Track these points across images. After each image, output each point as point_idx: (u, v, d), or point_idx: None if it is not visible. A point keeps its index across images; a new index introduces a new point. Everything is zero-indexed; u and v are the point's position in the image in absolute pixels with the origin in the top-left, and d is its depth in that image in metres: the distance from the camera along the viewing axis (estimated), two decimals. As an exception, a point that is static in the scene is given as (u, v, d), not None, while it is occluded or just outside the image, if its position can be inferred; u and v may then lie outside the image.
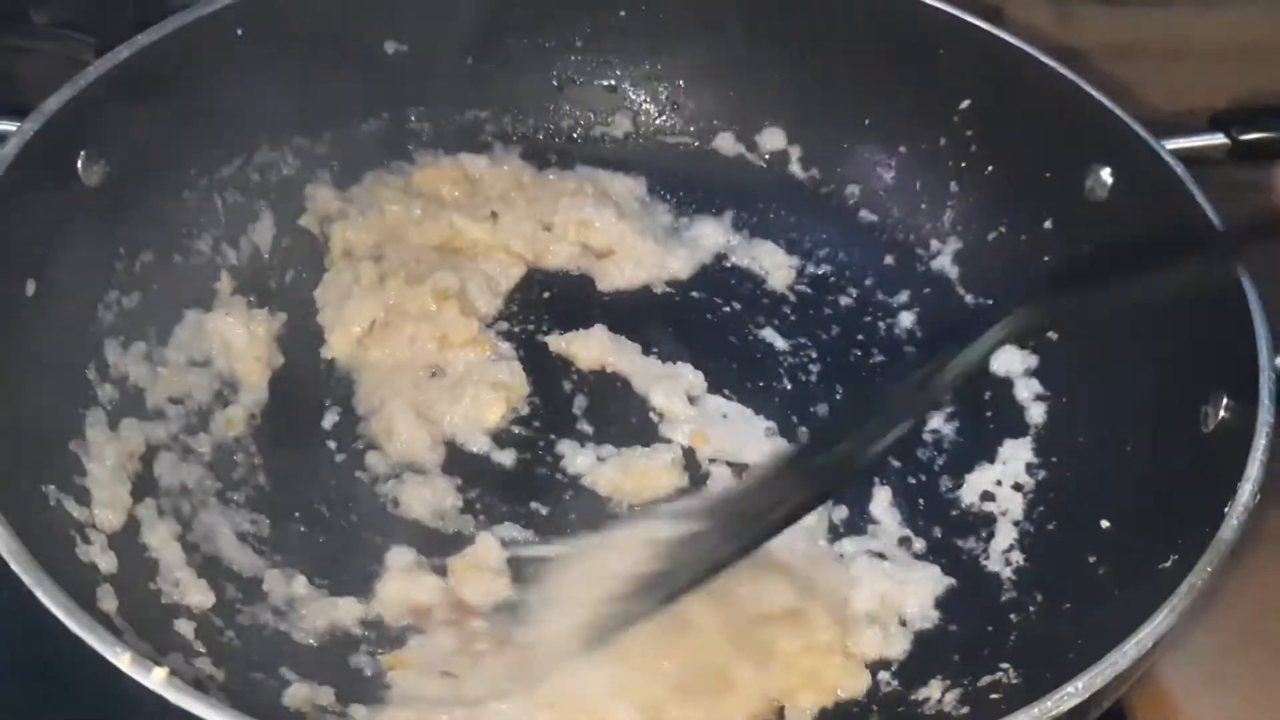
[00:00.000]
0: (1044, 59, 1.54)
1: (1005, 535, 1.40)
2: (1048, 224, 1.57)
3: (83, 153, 1.37)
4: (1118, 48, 1.92)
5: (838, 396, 1.56)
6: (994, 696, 1.17)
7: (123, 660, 0.89)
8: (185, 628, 1.20)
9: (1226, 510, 1.03)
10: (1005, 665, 1.22)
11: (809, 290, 1.69)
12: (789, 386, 1.56)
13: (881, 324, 1.66)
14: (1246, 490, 1.05)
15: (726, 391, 1.54)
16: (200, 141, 1.54)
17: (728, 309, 1.66)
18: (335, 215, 1.65)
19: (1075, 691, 0.86)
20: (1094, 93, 1.48)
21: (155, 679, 0.86)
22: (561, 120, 1.83)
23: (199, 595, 1.23)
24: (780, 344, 1.61)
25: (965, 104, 1.64)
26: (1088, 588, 1.24)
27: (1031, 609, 1.30)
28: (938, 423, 1.53)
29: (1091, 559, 1.27)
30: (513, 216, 1.66)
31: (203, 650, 1.18)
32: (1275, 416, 1.11)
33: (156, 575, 1.24)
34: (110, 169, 1.41)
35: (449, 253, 1.64)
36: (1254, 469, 1.06)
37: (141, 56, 1.41)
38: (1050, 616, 1.27)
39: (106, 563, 1.19)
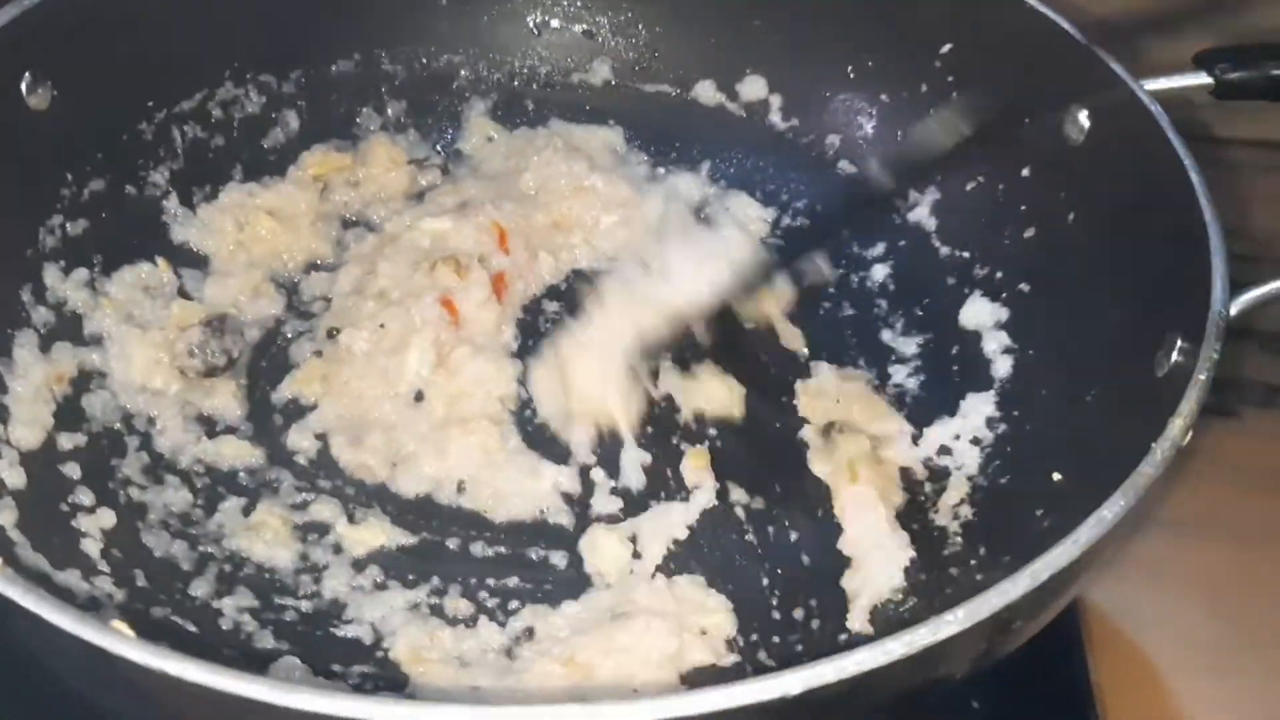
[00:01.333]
0: (1023, -3, 1.46)
1: (957, 490, 1.33)
2: (1025, 171, 1.49)
3: (27, 74, 1.36)
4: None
5: (804, 351, 1.51)
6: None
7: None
8: (91, 547, 1.18)
9: (1154, 445, 0.95)
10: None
11: (783, 242, 1.63)
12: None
13: (854, 276, 1.60)
14: (1176, 425, 0.97)
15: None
16: (159, 71, 1.53)
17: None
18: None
19: (954, 620, 0.80)
20: (1071, 30, 1.41)
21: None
22: (539, 67, 1.79)
23: (109, 519, 1.21)
24: (750, 295, 1.56)
25: (946, 48, 1.57)
26: (1029, 540, 1.16)
27: (973, 562, 1.24)
28: (901, 376, 1.47)
29: (1038, 512, 1.20)
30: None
31: (105, 570, 1.16)
32: (1219, 354, 1.03)
33: (68, 497, 1.22)
34: (59, 94, 1.39)
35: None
36: (1187, 405, 0.98)
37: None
38: (988, 570, 1.20)
39: (14, 478, 1.18)
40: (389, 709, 0.74)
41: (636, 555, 1.26)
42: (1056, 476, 1.23)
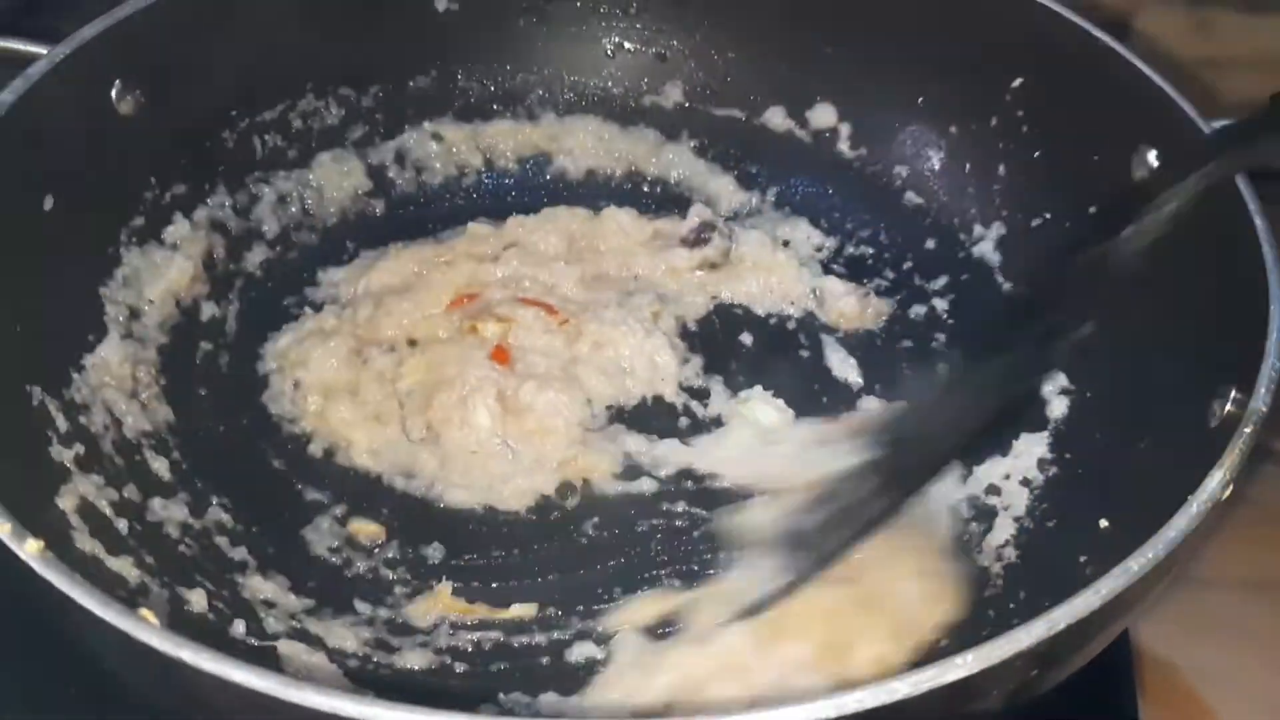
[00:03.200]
0: (1096, 34, 1.44)
1: (1003, 531, 1.31)
2: (1092, 209, 1.47)
3: (117, 82, 1.42)
4: (1258, 59, 1.82)
5: (860, 379, 1.50)
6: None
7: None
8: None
9: (1190, 498, 0.93)
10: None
11: (845, 271, 1.63)
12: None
13: (915, 309, 1.58)
14: (1215, 479, 0.95)
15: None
16: (242, 82, 1.58)
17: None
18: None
19: (963, 664, 0.79)
20: (1143, 68, 1.38)
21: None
22: (612, 88, 1.81)
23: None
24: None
25: (1018, 82, 1.55)
26: (1070, 586, 1.14)
27: (1012, 605, 1.21)
28: (956, 413, 1.45)
29: (1082, 558, 1.18)
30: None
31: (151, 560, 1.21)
32: (1269, 407, 1.00)
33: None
34: (146, 100, 1.45)
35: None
36: (1229, 458, 0.96)
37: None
38: (1025, 615, 1.17)
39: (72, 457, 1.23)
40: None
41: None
42: (1104, 523, 1.20)
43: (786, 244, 1.65)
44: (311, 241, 1.64)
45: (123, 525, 1.22)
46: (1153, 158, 1.37)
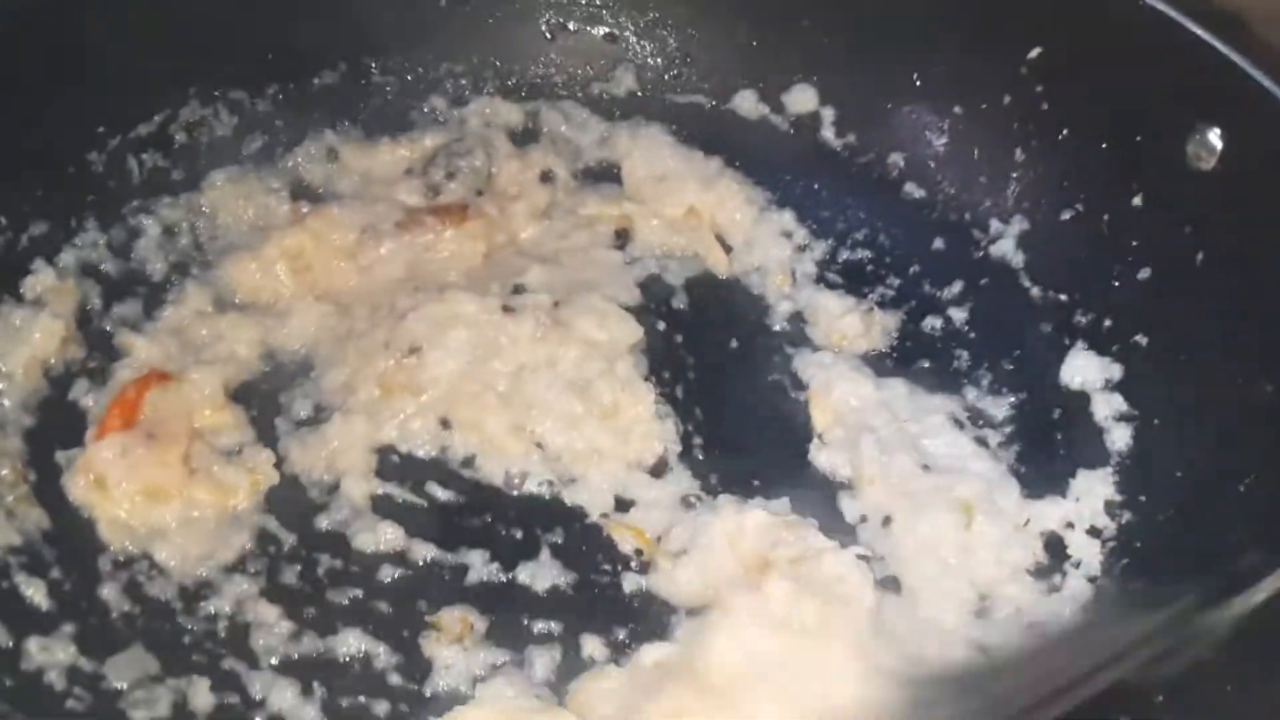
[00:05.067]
0: (1135, -11, 1.23)
1: (1076, 596, 1.10)
2: (1137, 200, 1.26)
3: (-55, 101, 1.12)
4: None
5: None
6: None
7: None
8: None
9: None
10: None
11: (840, 280, 1.40)
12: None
13: (929, 322, 1.36)
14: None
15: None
16: (109, 89, 1.29)
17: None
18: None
19: None
20: (1201, 33, 1.17)
21: None
22: (553, 75, 1.55)
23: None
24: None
25: (1035, 53, 1.34)
26: (1191, 674, 0.94)
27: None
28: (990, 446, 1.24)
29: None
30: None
31: None
32: None
33: None
34: (-12, 120, 1.16)
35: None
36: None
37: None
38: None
39: None
40: None
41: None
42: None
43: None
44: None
45: (-13, 686, 0.94)
46: (1215, 138, 1.16)
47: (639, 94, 1.55)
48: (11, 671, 0.98)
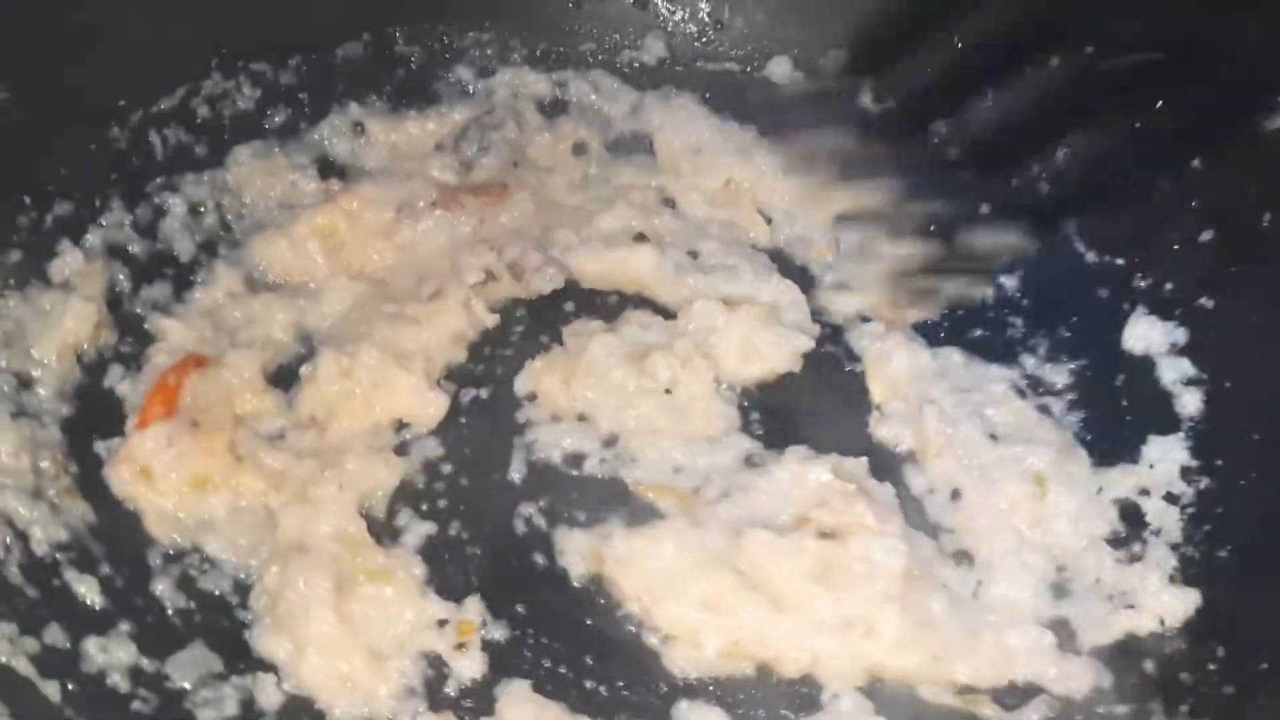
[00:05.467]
0: (1197, -51, 1.20)
1: (1160, 563, 1.08)
2: (1196, 162, 1.24)
3: (-32, 77, 1.06)
4: None
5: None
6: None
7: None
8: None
9: None
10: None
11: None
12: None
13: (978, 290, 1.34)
14: None
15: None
16: (131, 61, 1.22)
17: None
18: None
19: None
20: (1268, -11, 1.15)
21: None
22: (580, 44, 1.50)
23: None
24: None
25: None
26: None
27: (1211, 667, 0.99)
28: (1054, 414, 1.22)
29: (1293, 601, 0.96)
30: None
31: None
32: None
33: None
34: (8, 94, 1.10)
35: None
36: None
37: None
38: (1238, 679, 0.96)
39: None
40: None
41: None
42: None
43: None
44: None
45: (53, 689, 0.89)
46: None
47: (669, 61, 1.51)
48: (74, 675, 0.92)
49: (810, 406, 1.25)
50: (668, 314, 1.29)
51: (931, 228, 1.21)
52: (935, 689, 1.03)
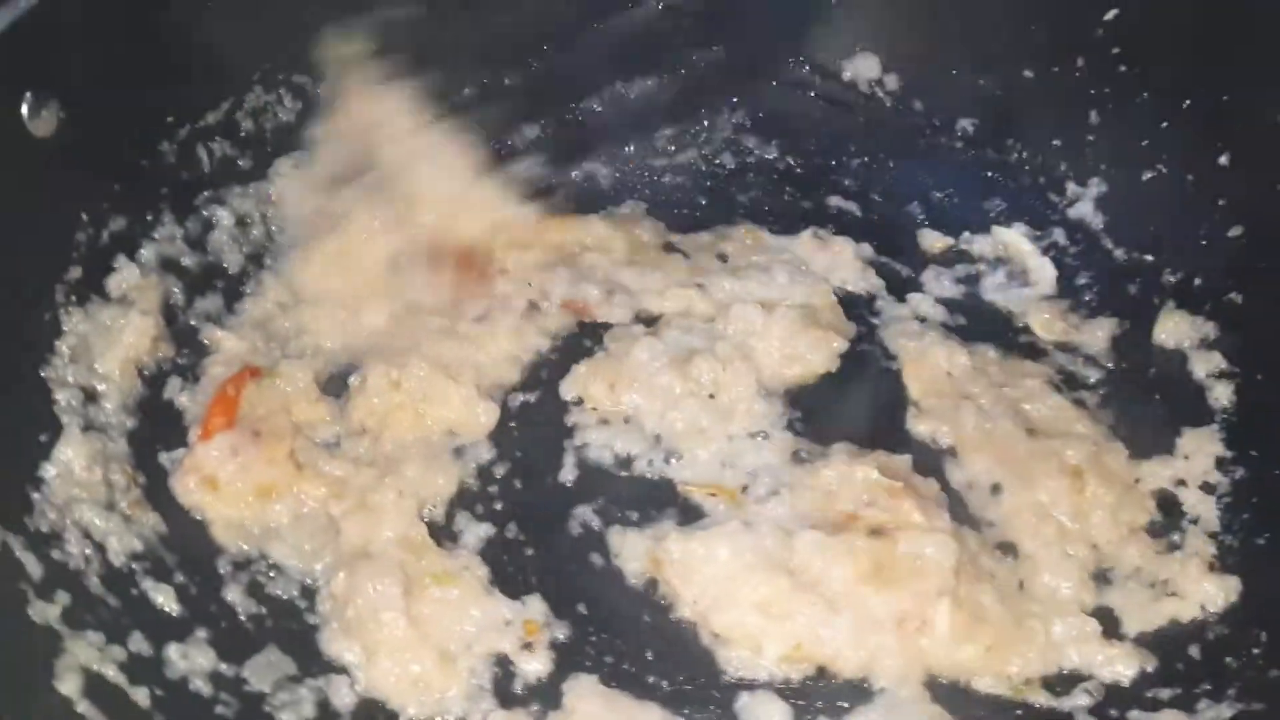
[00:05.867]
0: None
1: (1199, 551, 1.12)
2: (1223, 159, 1.27)
3: (29, 95, 1.07)
4: None
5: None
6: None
7: None
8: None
9: None
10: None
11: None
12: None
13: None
14: None
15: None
16: (178, 80, 1.24)
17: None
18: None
19: None
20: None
21: None
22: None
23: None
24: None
25: (1111, 14, 1.34)
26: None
27: (1255, 651, 1.03)
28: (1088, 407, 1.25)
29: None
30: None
31: None
32: None
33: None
34: (66, 115, 1.11)
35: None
36: None
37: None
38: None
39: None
40: None
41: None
42: (1345, 539, 1.02)
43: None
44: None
45: (142, 695, 0.92)
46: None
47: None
48: (159, 681, 0.95)
49: (849, 405, 1.28)
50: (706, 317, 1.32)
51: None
52: (989, 680, 1.06)
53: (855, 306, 1.35)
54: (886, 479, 1.16)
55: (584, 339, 1.31)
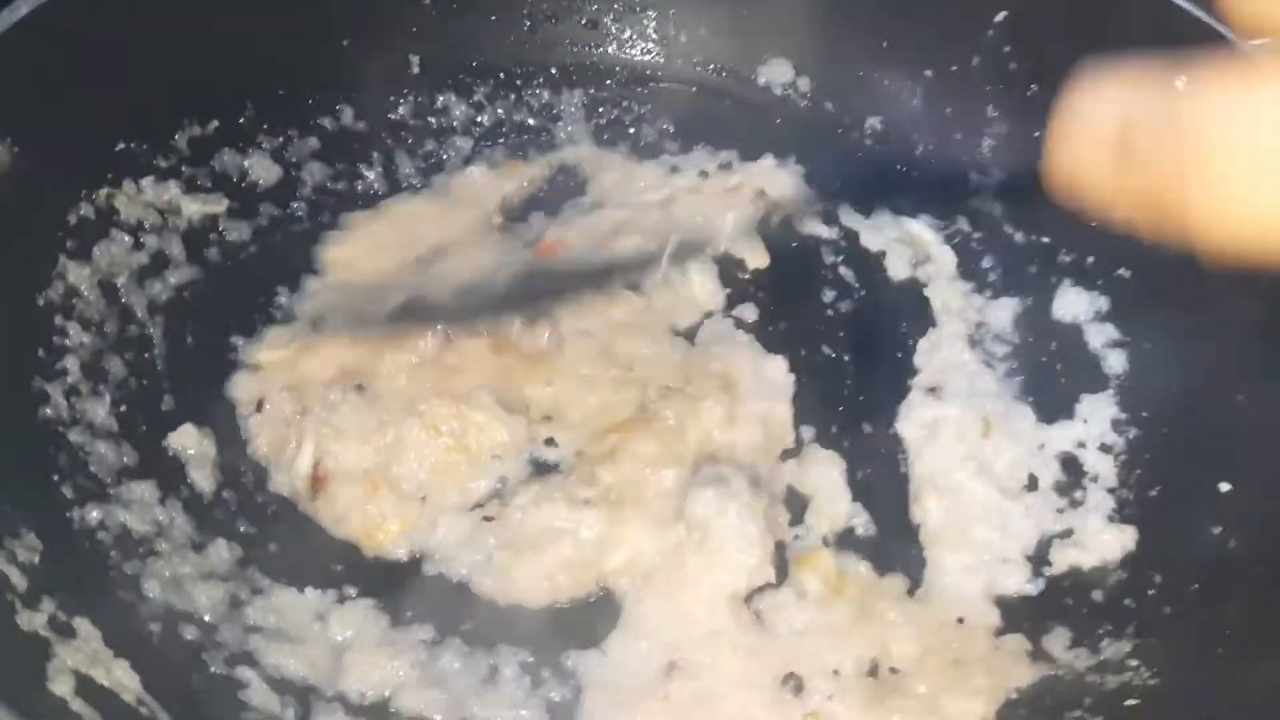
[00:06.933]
0: (1094, -50, 1.34)
1: (1099, 506, 1.23)
2: (1107, 146, 1.37)
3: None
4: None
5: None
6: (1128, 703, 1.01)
7: None
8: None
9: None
10: (1134, 663, 1.05)
11: (843, 244, 1.50)
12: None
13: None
14: None
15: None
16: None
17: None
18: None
19: None
20: (1160, -11, 1.29)
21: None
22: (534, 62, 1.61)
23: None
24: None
25: (1000, 16, 1.44)
26: (1217, 563, 1.07)
27: (1150, 592, 1.13)
28: (989, 381, 1.35)
29: (1216, 529, 1.10)
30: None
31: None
32: None
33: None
34: (20, 150, 1.17)
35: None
36: None
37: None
38: (1173, 600, 1.10)
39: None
40: None
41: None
42: (1225, 487, 1.13)
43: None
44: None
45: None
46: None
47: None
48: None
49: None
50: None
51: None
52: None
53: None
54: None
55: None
